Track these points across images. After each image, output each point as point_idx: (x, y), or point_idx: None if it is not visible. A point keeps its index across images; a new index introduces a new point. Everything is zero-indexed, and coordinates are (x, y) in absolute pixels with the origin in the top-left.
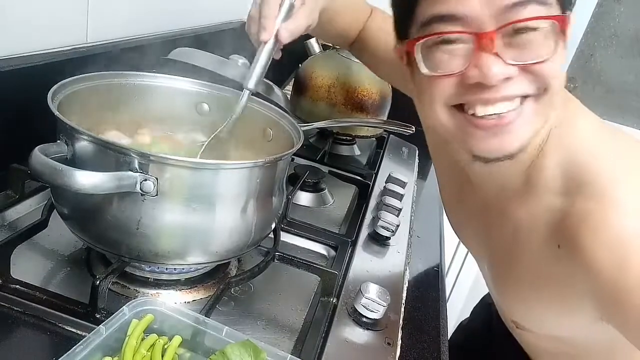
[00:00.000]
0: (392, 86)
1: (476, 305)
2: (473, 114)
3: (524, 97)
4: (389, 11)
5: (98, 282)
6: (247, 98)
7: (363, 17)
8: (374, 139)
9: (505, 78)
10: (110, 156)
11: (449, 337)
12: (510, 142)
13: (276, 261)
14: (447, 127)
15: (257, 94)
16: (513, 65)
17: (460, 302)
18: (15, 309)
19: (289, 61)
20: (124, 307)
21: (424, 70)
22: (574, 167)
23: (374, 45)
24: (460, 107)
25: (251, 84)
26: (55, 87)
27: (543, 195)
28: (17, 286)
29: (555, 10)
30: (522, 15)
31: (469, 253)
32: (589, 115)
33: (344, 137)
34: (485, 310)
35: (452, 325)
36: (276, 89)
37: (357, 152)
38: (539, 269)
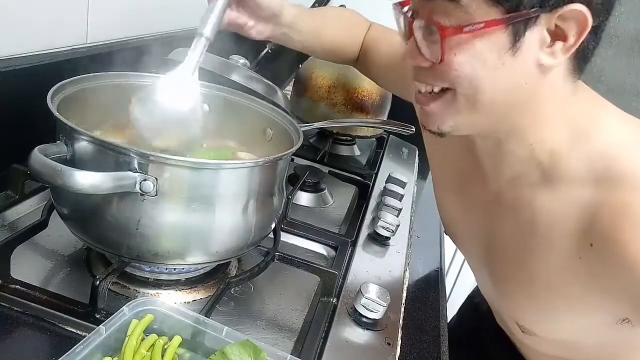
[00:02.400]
0: None
1: (462, 304)
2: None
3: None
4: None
5: (98, 282)
6: (204, 46)
7: (361, 32)
8: (374, 139)
9: (417, 65)
10: (110, 156)
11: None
12: (430, 122)
13: (276, 261)
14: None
15: (257, 94)
16: (421, 55)
17: (460, 302)
18: (15, 309)
19: (289, 61)
20: (124, 307)
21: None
22: (604, 158)
23: (376, 57)
24: None
25: (207, 30)
26: (55, 87)
27: (568, 189)
28: (17, 286)
29: (480, 11)
30: (431, 7)
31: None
32: (612, 107)
33: (344, 137)
34: (472, 311)
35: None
36: (275, 88)
37: (357, 152)
38: (559, 268)
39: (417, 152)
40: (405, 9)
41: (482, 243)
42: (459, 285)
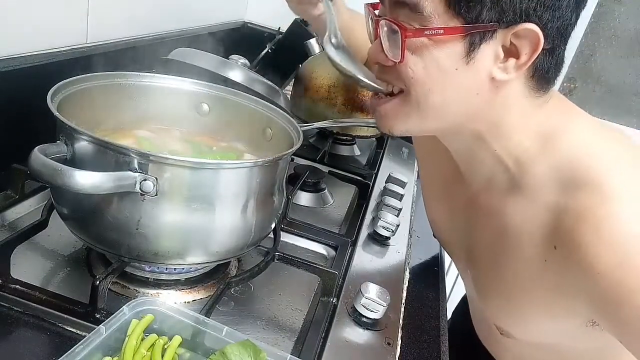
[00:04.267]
0: None
1: (457, 305)
2: None
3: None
4: None
5: (98, 282)
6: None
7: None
8: (374, 139)
9: (377, 62)
10: (110, 156)
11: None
12: (383, 124)
13: (276, 261)
14: None
15: (257, 94)
16: (381, 53)
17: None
18: (15, 309)
19: (289, 61)
20: (124, 307)
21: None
22: (570, 165)
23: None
24: None
25: None
26: (55, 87)
27: (535, 195)
28: (17, 286)
29: (442, 20)
30: (393, 8)
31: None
32: (584, 116)
33: (344, 137)
34: (466, 314)
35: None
36: (278, 89)
37: (357, 152)
38: (528, 272)
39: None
40: (376, 11)
41: (464, 247)
42: (459, 285)
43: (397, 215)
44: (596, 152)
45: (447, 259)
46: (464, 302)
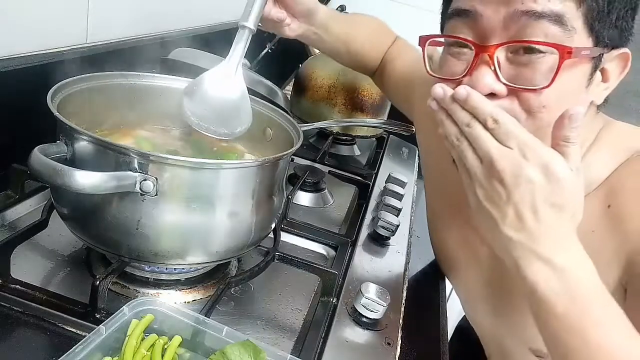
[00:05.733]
0: None
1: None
2: None
3: None
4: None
5: (98, 282)
6: (247, 37)
7: (384, 46)
8: (374, 139)
9: (491, 93)
10: (110, 156)
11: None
12: None
13: (276, 261)
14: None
15: (257, 94)
16: (504, 84)
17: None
18: (15, 309)
19: (289, 61)
20: (124, 307)
21: (428, 69)
22: (622, 149)
23: (391, 73)
24: None
25: (250, 21)
26: (55, 87)
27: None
28: (17, 286)
29: (580, 39)
30: (531, 29)
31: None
32: (627, 127)
33: (344, 137)
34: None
35: (451, 326)
36: (277, 90)
37: (357, 152)
38: None
39: (417, 152)
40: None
41: (483, 270)
42: None
43: (397, 215)
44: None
45: None
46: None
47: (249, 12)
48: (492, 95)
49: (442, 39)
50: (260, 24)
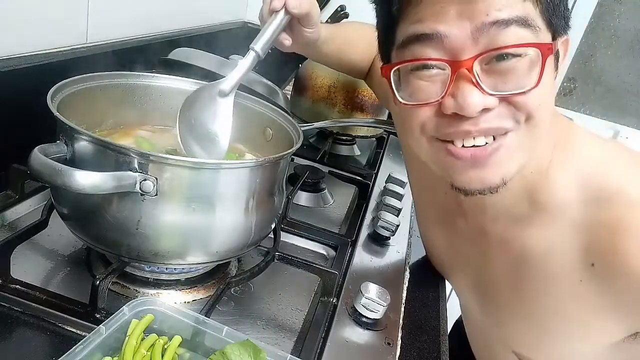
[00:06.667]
0: None
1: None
2: (452, 142)
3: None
4: None
5: (98, 282)
6: (252, 61)
7: (375, 46)
8: (374, 139)
9: (484, 109)
10: (110, 156)
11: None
12: (491, 176)
13: (276, 261)
14: (428, 157)
15: (257, 94)
16: (492, 95)
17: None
18: (15, 309)
19: (289, 61)
20: (124, 307)
21: (399, 98)
22: (589, 179)
23: (374, 74)
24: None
25: (258, 46)
26: (55, 87)
27: (559, 216)
28: (17, 286)
29: (544, 35)
30: (503, 37)
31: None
32: (584, 131)
33: (344, 137)
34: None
35: (451, 325)
36: (277, 90)
37: (357, 152)
38: (559, 294)
39: None
40: (441, 63)
41: (470, 274)
42: None
43: (397, 215)
44: (607, 160)
45: None
46: (457, 332)
47: (260, 37)
48: (483, 110)
49: (406, 65)
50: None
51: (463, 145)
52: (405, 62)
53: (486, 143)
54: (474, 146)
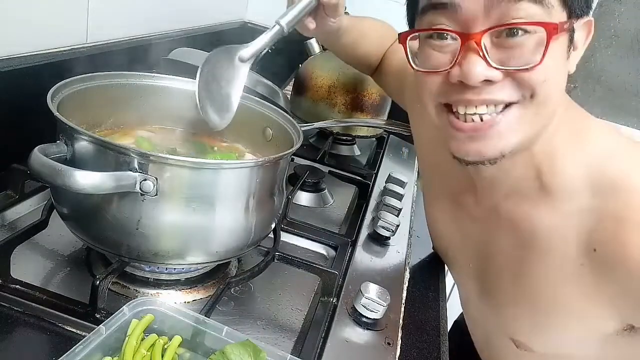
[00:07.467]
0: None
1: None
2: (456, 112)
3: (509, 103)
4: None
5: (98, 282)
6: (275, 33)
7: (387, 43)
8: (374, 139)
9: (486, 80)
10: (110, 156)
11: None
12: (490, 147)
13: (276, 261)
14: (437, 125)
15: (257, 94)
16: (497, 68)
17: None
18: (15, 309)
19: (289, 61)
20: (124, 307)
21: (413, 65)
22: (600, 168)
23: (385, 68)
24: (447, 106)
25: (284, 20)
26: (55, 87)
27: (567, 199)
28: (17, 286)
29: (557, 14)
30: (514, 11)
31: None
32: (601, 123)
33: (344, 137)
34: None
35: (450, 325)
36: (278, 90)
37: (357, 152)
38: (560, 277)
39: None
40: (453, 34)
41: (474, 256)
42: None
43: (397, 215)
44: (618, 151)
45: None
46: (457, 332)
47: (287, 13)
48: (486, 82)
49: (422, 33)
50: None
51: (466, 114)
52: (418, 31)
53: (488, 114)
54: (475, 114)
